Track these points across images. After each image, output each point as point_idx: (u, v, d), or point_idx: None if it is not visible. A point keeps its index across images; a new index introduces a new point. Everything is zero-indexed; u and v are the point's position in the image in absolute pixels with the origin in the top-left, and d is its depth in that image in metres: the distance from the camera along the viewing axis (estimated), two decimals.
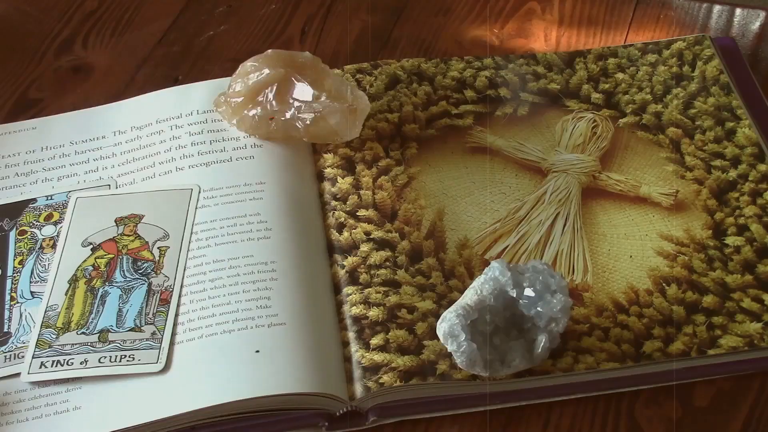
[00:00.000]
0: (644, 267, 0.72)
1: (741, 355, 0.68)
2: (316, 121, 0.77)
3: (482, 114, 0.83)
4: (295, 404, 0.65)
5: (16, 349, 0.69)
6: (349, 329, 0.69)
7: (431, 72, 0.86)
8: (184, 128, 0.81)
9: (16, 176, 0.80)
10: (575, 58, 0.87)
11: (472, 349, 0.63)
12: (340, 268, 0.73)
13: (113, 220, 0.76)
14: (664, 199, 0.76)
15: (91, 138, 0.82)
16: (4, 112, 0.85)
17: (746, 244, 0.73)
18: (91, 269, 0.73)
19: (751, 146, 0.79)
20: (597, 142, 0.81)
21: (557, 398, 0.67)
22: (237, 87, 0.79)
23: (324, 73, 0.79)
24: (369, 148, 0.80)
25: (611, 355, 0.67)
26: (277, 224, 0.74)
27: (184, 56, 0.90)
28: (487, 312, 0.65)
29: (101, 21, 0.94)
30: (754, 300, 0.70)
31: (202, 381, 0.66)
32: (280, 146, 0.80)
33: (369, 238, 0.74)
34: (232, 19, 0.94)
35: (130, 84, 0.88)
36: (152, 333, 0.68)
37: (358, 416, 0.66)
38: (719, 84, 0.83)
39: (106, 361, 0.67)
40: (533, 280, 0.65)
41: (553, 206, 0.76)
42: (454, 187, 0.78)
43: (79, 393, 0.66)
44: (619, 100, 0.83)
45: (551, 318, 0.64)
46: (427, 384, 0.66)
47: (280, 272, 0.71)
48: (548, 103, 0.84)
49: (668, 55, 0.86)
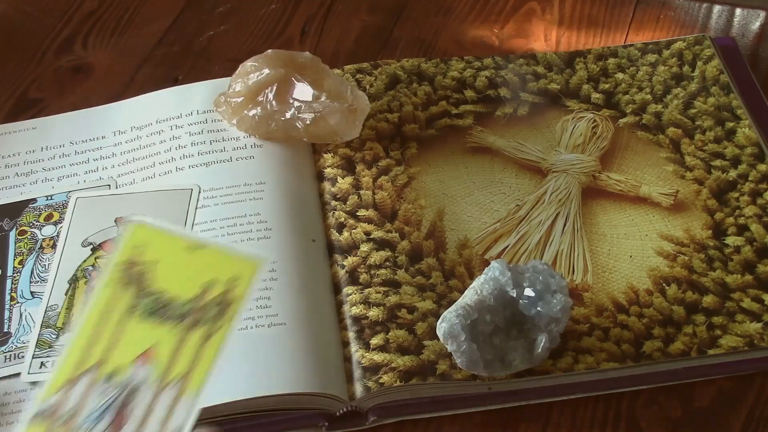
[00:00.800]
0: (644, 267, 0.72)
1: (741, 355, 0.68)
2: (316, 121, 0.77)
3: (482, 114, 0.83)
4: (295, 404, 0.65)
5: (17, 349, 0.69)
6: (349, 329, 0.69)
7: (431, 72, 0.86)
8: (184, 128, 0.81)
9: (16, 176, 0.80)
10: (575, 58, 0.87)
11: (472, 349, 0.63)
12: (340, 268, 0.73)
13: (113, 220, 0.76)
14: (664, 199, 0.76)
15: (91, 138, 0.82)
16: (4, 112, 0.85)
17: (746, 244, 0.73)
18: (91, 269, 0.73)
19: (751, 146, 0.79)
20: (597, 142, 0.81)
21: (557, 398, 0.67)
22: (237, 87, 0.79)
23: (324, 73, 0.79)
24: (369, 148, 0.80)
25: (611, 355, 0.67)
26: (277, 224, 0.74)
27: (184, 56, 0.90)
28: (487, 312, 0.65)
29: (101, 21, 0.94)
30: (754, 300, 0.70)
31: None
32: (280, 146, 0.80)
33: (369, 238, 0.74)
34: (232, 19, 0.94)
35: (130, 84, 0.88)
36: None
37: (358, 416, 0.66)
38: (719, 84, 0.83)
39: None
40: (533, 280, 0.65)
41: (553, 206, 0.76)
42: (454, 187, 0.78)
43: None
44: (619, 100, 0.83)
45: (551, 318, 0.64)
46: (427, 384, 0.66)
47: (280, 272, 0.71)
48: (548, 103, 0.84)
49: (668, 55, 0.86)
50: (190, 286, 0.54)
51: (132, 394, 0.53)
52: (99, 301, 0.55)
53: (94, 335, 0.54)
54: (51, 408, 0.53)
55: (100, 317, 0.54)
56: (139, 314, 0.54)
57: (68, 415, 0.53)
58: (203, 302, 0.54)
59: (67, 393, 0.53)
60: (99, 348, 0.54)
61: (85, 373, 0.53)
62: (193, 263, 0.55)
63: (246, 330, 0.68)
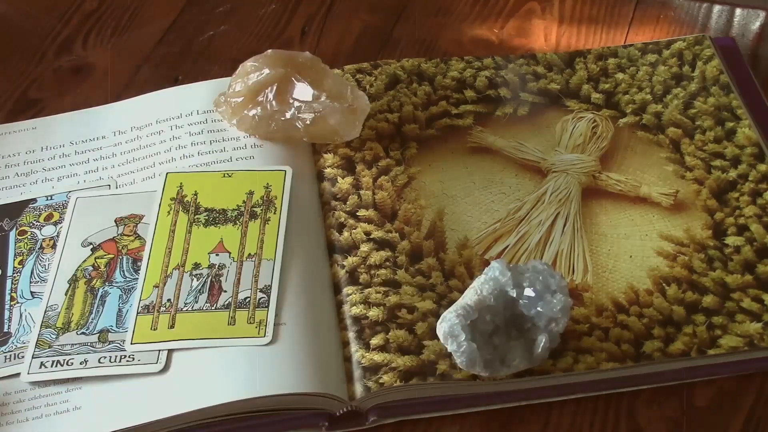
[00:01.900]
0: (644, 267, 0.72)
1: (741, 355, 0.68)
2: (316, 121, 0.77)
3: (482, 114, 0.83)
4: (295, 404, 0.65)
5: (16, 349, 0.69)
6: (349, 329, 0.69)
7: (431, 72, 0.86)
8: (184, 128, 0.81)
9: (16, 176, 0.80)
10: (575, 58, 0.87)
11: (472, 349, 0.63)
12: (340, 268, 0.73)
13: (113, 220, 0.75)
14: (664, 199, 0.76)
15: (91, 138, 0.82)
16: (4, 112, 0.85)
17: (746, 244, 0.73)
18: (91, 269, 0.73)
19: (751, 146, 0.79)
20: (597, 142, 0.81)
21: (557, 398, 0.67)
22: (237, 87, 0.79)
23: (324, 73, 0.79)
24: (369, 148, 0.80)
25: (611, 355, 0.67)
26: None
27: (184, 56, 0.90)
28: (487, 312, 0.65)
29: (101, 21, 0.94)
30: (754, 300, 0.70)
31: (201, 381, 0.66)
32: (280, 146, 0.80)
33: (369, 238, 0.74)
34: (232, 19, 0.94)
35: (130, 84, 0.88)
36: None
37: (358, 416, 0.66)
38: (719, 84, 0.83)
39: (106, 361, 0.67)
40: (533, 280, 0.65)
41: (553, 206, 0.76)
42: (454, 187, 0.78)
43: (79, 393, 0.66)
44: (619, 100, 0.83)
45: (551, 318, 0.64)
46: (427, 384, 0.66)
47: (280, 272, 0.71)
48: (548, 103, 0.84)
49: (668, 55, 0.86)
50: (234, 198, 0.73)
51: (218, 273, 0.70)
52: (162, 224, 0.72)
53: (167, 247, 0.71)
54: (150, 303, 0.68)
55: (168, 235, 0.71)
56: (200, 225, 0.72)
57: (168, 303, 0.68)
58: (251, 204, 0.71)
59: (161, 290, 0.68)
60: (176, 254, 0.71)
61: (172, 272, 0.70)
62: (230, 184, 0.73)
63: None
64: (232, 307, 0.69)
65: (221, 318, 0.68)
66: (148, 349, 0.67)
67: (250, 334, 0.67)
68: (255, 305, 0.69)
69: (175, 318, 0.68)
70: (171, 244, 0.72)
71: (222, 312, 0.69)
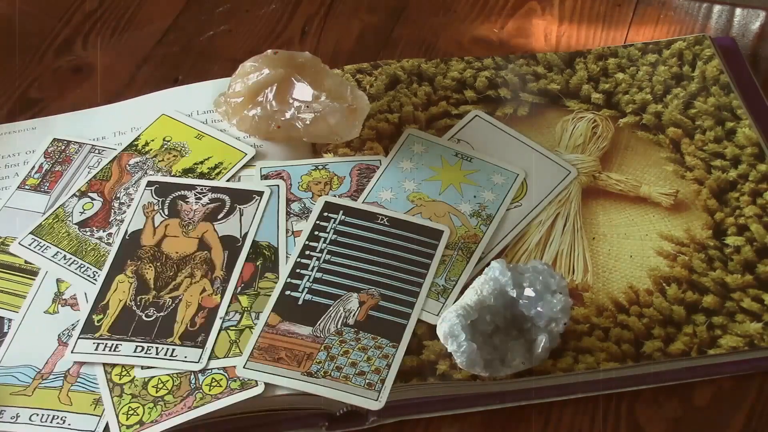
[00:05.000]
0: (644, 267, 0.72)
1: (741, 355, 0.68)
2: (315, 121, 0.77)
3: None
4: (295, 404, 0.65)
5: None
6: None
7: (431, 72, 0.86)
8: None
9: (16, 176, 0.80)
10: (575, 58, 0.87)
11: (472, 349, 0.63)
12: None
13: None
14: (664, 199, 0.76)
15: (91, 138, 0.82)
16: (4, 112, 0.86)
17: (746, 244, 0.73)
18: None
19: (751, 146, 0.79)
20: (597, 142, 0.81)
21: (557, 398, 0.67)
22: (237, 87, 0.79)
23: (324, 73, 0.79)
24: (369, 148, 0.80)
25: (611, 355, 0.67)
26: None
27: (184, 56, 0.90)
28: (487, 312, 0.65)
29: (101, 21, 0.94)
30: (754, 300, 0.70)
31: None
32: (280, 146, 0.80)
33: None
34: (232, 19, 0.94)
35: (130, 84, 0.88)
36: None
37: (358, 416, 0.66)
38: (719, 84, 0.83)
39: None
40: (533, 280, 0.65)
41: (553, 206, 0.76)
42: None
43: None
44: (619, 100, 0.83)
45: (551, 318, 0.64)
46: (427, 384, 0.66)
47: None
48: (548, 103, 0.84)
49: (668, 55, 0.86)
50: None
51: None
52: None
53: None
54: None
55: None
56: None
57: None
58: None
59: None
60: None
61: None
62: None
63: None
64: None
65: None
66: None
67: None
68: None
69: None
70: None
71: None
